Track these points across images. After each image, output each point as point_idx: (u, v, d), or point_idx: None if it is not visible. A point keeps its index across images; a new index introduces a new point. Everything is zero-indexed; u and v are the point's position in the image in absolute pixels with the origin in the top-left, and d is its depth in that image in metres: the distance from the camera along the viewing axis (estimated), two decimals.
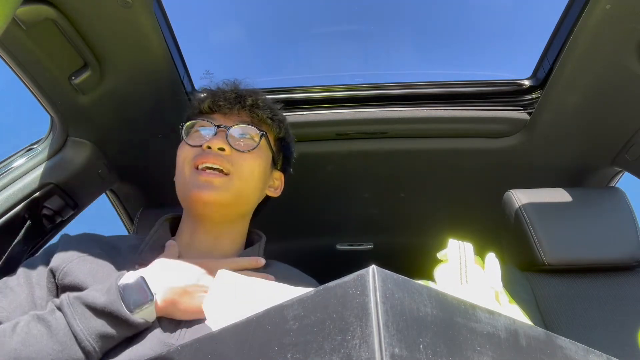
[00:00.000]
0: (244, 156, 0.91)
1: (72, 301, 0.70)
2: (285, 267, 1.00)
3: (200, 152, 0.90)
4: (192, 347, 0.47)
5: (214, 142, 0.89)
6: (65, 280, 0.78)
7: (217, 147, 0.89)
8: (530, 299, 1.16)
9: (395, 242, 1.87)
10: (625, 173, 1.49)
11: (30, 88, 1.08)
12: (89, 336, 0.67)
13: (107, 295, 0.70)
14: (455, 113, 1.37)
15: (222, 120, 0.94)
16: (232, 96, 0.96)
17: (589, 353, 0.49)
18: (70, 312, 0.69)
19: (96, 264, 0.81)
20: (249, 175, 0.92)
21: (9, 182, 1.11)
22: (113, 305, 0.69)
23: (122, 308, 0.69)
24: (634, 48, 1.09)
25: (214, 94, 0.97)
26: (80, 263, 0.80)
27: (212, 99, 0.96)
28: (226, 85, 1.01)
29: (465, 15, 1.53)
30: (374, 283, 0.35)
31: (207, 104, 0.96)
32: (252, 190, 0.94)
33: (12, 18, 0.73)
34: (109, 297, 0.69)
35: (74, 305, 0.69)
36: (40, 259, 0.84)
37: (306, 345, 0.36)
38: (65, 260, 0.81)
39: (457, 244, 0.73)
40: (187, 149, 0.92)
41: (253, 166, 0.93)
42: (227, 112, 0.95)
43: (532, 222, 1.20)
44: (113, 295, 0.69)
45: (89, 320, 0.68)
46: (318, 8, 1.53)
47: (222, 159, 0.88)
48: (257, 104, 0.97)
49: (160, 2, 1.11)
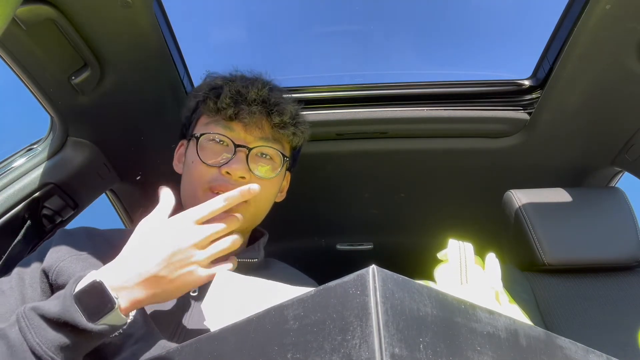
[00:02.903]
0: (263, 184, 0.84)
1: (27, 313, 0.62)
2: (285, 266, 1.00)
3: (218, 176, 0.83)
4: (192, 347, 0.47)
5: (235, 170, 0.82)
6: (59, 281, 0.75)
7: (238, 176, 0.82)
8: (530, 299, 1.16)
9: (395, 242, 1.87)
10: (625, 173, 1.49)
11: (30, 88, 1.08)
12: (47, 350, 0.60)
13: (62, 303, 0.61)
14: (455, 113, 1.37)
15: (242, 134, 0.86)
16: (257, 109, 0.86)
17: (589, 353, 0.49)
18: (26, 325, 0.61)
19: (89, 263, 0.78)
20: (265, 201, 0.89)
21: (9, 182, 1.11)
22: (67, 314, 0.60)
23: (79, 316, 0.60)
24: (634, 48, 1.09)
25: (237, 102, 0.86)
26: (72, 262, 0.77)
27: (235, 109, 0.86)
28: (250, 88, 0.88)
29: (466, 16, 1.53)
30: (374, 283, 0.35)
31: (228, 114, 0.86)
32: (265, 211, 0.91)
33: (12, 18, 0.73)
34: (64, 306, 0.61)
35: (29, 317, 0.62)
36: (35, 258, 0.81)
37: (306, 345, 0.36)
38: (57, 260, 0.77)
39: (457, 244, 0.73)
40: (202, 168, 0.84)
41: (270, 191, 0.89)
42: (250, 125, 0.86)
43: (532, 222, 1.20)
44: (68, 302, 0.61)
45: (46, 332, 0.61)
46: (318, 8, 1.53)
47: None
48: (283, 122, 0.88)
49: (160, 2, 1.11)
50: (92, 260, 0.79)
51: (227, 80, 0.92)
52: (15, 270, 0.80)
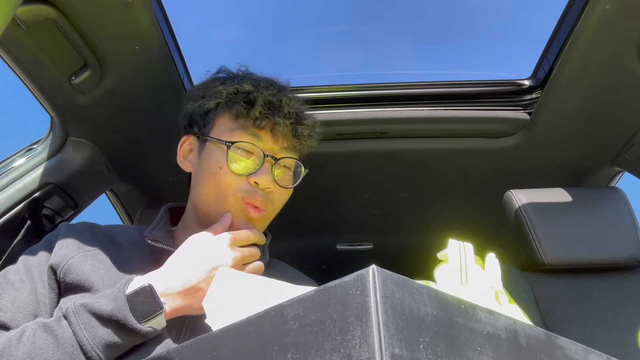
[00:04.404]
0: (282, 192, 0.89)
1: (78, 309, 0.67)
2: (285, 266, 1.00)
3: (248, 187, 0.84)
4: (192, 347, 0.47)
5: (263, 181, 0.84)
6: (68, 279, 0.76)
7: (265, 187, 0.85)
8: (530, 299, 1.16)
9: (395, 242, 1.87)
10: (625, 173, 1.49)
11: (30, 88, 1.08)
12: (95, 346, 0.65)
13: (114, 302, 0.66)
14: (455, 113, 1.37)
15: (270, 143, 0.87)
16: (289, 123, 0.87)
17: (589, 353, 0.49)
18: (76, 321, 0.66)
19: (97, 260, 0.79)
20: (280, 205, 0.92)
21: (9, 182, 1.11)
22: (120, 313, 0.65)
23: (130, 317, 0.65)
24: (634, 48, 1.09)
25: (273, 114, 0.86)
26: (81, 260, 0.78)
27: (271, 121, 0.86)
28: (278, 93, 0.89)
29: (466, 16, 1.53)
30: (374, 283, 0.35)
31: (263, 125, 0.86)
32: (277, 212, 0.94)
33: (12, 18, 0.73)
34: (116, 305, 0.66)
35: (80, 313, 0.66)
36: (40, 249, 0.81)
37: (306, 345, 0.36)
38: (65, 257, 0.78)
39: (457, 244, 0.73)
40: (231, 177, 0.85)
41: (285, 198, 0.92)
42: (279, 136, 0.88)
43: (532, 222, 1.20)
44: (120, 302, 0.66)
45: (95, 329, 0.65)
46: (318, 8, 1.53)
47: (267, 200, 0.86)
48: (310, 134, 0.92)
49: (160, 2, 1.11)
50: (100, 257, 0.80)
51: (254, 84, 0.90)
52: (21, 260, 0.80)
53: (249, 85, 0.89)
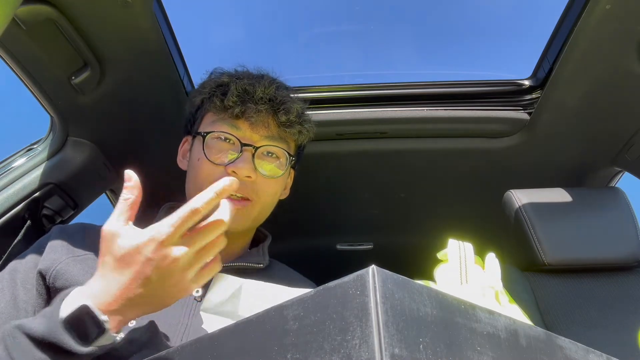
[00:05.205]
0: (269, 182, 0.86)
1: (12, 331, 0.58)
2: (284, 267, 0.99)
3: (224, 175, 0.80)
4: (192, 347, 0.47)
5: (241, 170, 0.82)
6: (57, 284, 0.74)
7: (244, 176, 0.82)
8: (530, 299, 1.16)
9: (395, 242, 1.86)
10: (625, 173, 1.49)
11: (30, 88, 1.08)
12: None
13: (48, 324, 0.57)
14: (455, 113, 1.37)
15: (249, 132, 0.86)
16: (264, 108, 0.86)
17: (589, 353, 0.49)
18: (11, 343, 0.57)
19: (87, 265, 0.76)
20: (270, 199, 0.89)
21: (9, 182, 1.11)
22: (54, 336, 0.56)
23: (67, 339, 0.56)
24: (634, 48, 1.09)
25: (244, 101, 0.85)
26: (70, 264, 0.76)
27: (241, 107, 0.85)
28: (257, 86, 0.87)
29: (466, 16, 1.53)
30: (373, 283, 0.35)
31: (235, 112, 0.85)
32: (270, 209, 0.92)
33: (12, 18, 0.73)
34: (50, 327, 0.56)
35: (14, 335, 0.58)
36: (30, 253, 0.78)
37: (306, 345, 0.36)
38: (54, 262, 0.76)
39: (457, 244, 0.73)
40: (208, 167, 0.84)
41: (275, 189, 0.89)
42: (256, 123, 0.86)
43: (532, 222, 1.20)
44: (53, 325, 0.56)
45: (33, 352, 0.56)
46: (318, 8, 1.53)
47: (247, 188, 0.83)
48: (289, 121, 0.88)
49: (160, 2, 1.11)
50: (90, 262, 0.78)
51: (234, 77, 0.91)
52: (8, 268, 0.78)
53: (228, 77, 0.90)
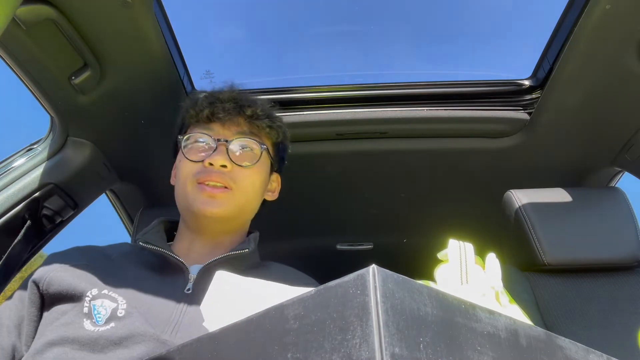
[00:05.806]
0: (246, 172, 0.92)
1: None
2: (283, 267, 1.00)
3: (202, 168, 0.89)
4: (192, 347, 0.47)
5: (216, 160, 0.88)
6: (51, 290, 0.77)
7: (220, 165, 0.88)
8: (530, 299, 1.16)
9: (395, 242, 1.87)
10: (625, 173, 1.49)
11: (30, 88, 1.08)
12: None
13: None
14: (455, 113, 1.37)
15: (221, 130, 0.93)
16: (230, 106, 0.94)
17: (589, 353, 0.49)
18: None
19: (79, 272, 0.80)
20: (251, 189, 0.93)
21: (9, 182, 1.11)
22: None
23: None
24: (634, 48, 1.09)
25: (212, 102, 0.95)
26: (62, 271, 0.79)
27: (210, 108, 0.93)
28: (223, 91, 0.98)
29: (465, 15, 1.53)
30: (374, 282, 0.35)
31: (205, 114, 0.94)
32: (253, 201, 0.96)
33: (12, 18, 0.73)
34: None
35: None
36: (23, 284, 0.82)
37: (306, 345, 0.36)
38: (48, 270, 0.80)
39: (458, 244, 0.73)
40: (188, 165, 0.91)
41: (254, 179, 0.94)
42: (226, 122, 0.94)
43: (532, 222, 1.20)
44: None
45: None
46: (318, 8, 1.53)
47: (224, 176, 0.89)
48: (256, 114, 0.95)
49: (160, 2, 1.11)
50: (84, 269, 0.81)
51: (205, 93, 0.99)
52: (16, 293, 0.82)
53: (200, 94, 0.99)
